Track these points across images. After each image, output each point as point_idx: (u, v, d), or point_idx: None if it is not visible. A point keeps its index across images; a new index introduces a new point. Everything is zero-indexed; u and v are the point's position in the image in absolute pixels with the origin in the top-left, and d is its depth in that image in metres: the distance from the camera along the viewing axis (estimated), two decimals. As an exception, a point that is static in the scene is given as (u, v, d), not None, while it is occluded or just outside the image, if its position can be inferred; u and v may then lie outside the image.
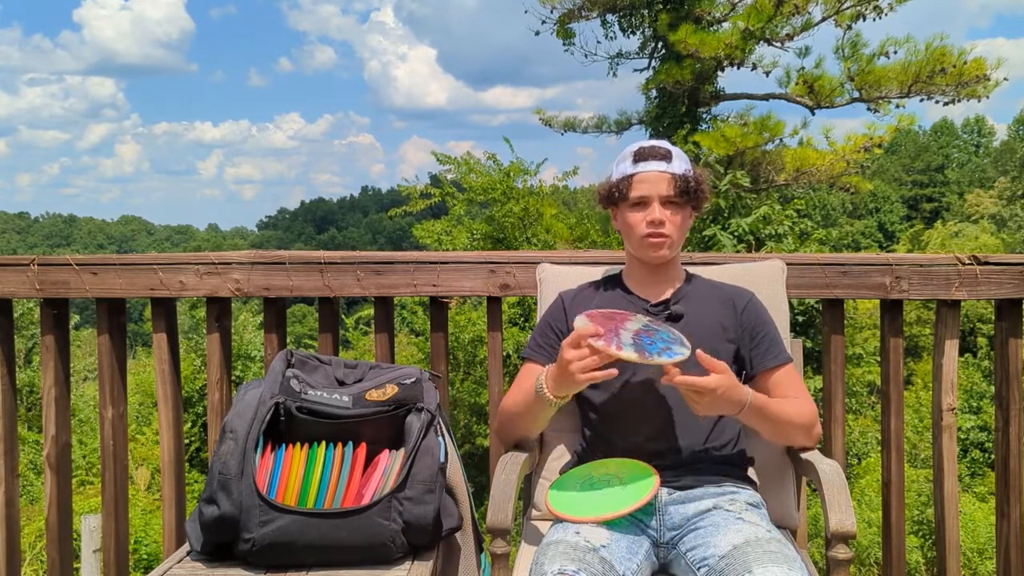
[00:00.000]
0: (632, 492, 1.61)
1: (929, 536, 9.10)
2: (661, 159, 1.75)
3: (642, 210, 1.75)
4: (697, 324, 1.75)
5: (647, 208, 1.75)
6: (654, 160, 1.75)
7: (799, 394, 1.77)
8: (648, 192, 1.74)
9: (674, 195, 1.74)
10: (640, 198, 1.75)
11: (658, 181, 1.74)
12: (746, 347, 1.79)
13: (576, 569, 1.43)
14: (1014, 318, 2.20)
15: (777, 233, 9.35)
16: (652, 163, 1.75)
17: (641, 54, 14.92)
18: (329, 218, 79.06)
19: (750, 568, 1.41)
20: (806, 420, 1.74)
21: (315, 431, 1.66)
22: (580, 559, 1.46)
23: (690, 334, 1.66)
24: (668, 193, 1.74)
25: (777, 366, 1.78)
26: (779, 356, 1.79)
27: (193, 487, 7.48)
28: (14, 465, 2.33)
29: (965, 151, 49.67)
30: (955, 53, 11.81)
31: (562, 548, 1.49)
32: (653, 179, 1.74)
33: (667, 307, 1.80)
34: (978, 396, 14.64)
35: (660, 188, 1.74)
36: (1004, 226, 31.27)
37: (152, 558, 6.24)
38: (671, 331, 1.66)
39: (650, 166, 1.75)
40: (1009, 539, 2.20)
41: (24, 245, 66.61)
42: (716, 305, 1.81)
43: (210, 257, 2.28)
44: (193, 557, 1.66)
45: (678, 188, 1.73)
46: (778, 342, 1.81)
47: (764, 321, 1.81)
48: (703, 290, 1.85)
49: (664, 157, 1.76)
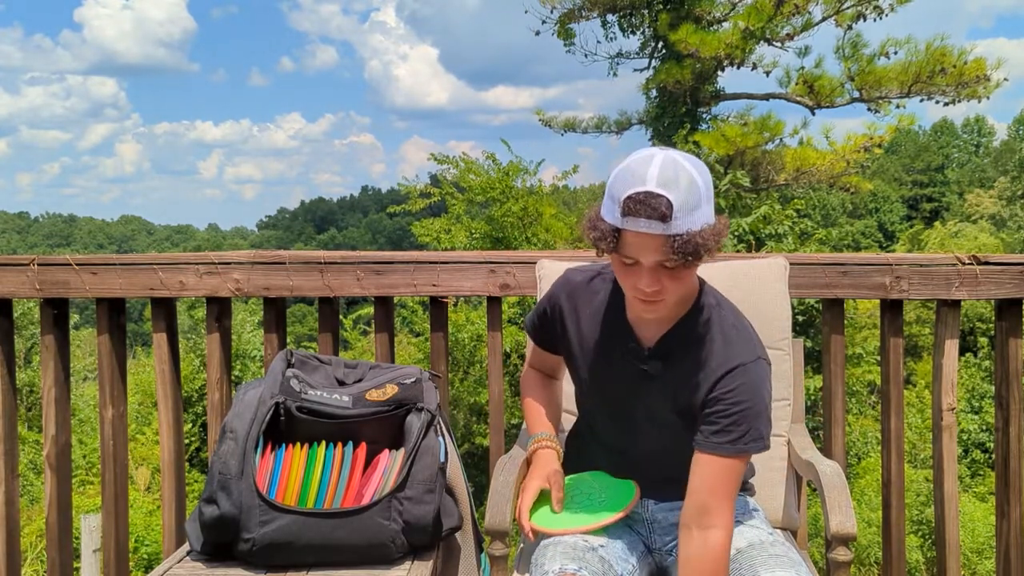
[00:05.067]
0: (613, 503, 1.60)
1: (929, 536, 9.11)
2: (657, 219, 1.31)
3: (632, 268, 1.39)
4: (671, 382, 1.52)
5: (637, 269, 1.38)
6: (646, 220, 1.31)
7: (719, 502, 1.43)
8: (637, 255, 1.36)
9: (670, 260, 1.35)
10: (629, 257, 1.38)
11: (649, 246, 1.34)
12: (701, 416, 1.48)
13: (577, 568, 1.43)
14: (1014, 318, 2.20)
15: (777, 233, 9.36)
16: (643, 222, 1.31)
17: (641, 54, 14.94)
18: (329, 218, 79.08)
19: (756, 572, 1.40)
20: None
21: (315, 431, 1.66)
22: (580, 558, 1.46)
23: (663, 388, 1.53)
24: (662, 259, 1.35)
25: (715, 454, 1.44)
26: (720, 446, 1.44)
27: (193, 487, 7.49)
28: (14, 465, 2.33)
29: (965, 151, 49.65)
30: (955, 53, 11.82)
31: (562, 548, 1.49)
32: (644, 243, 1.34)
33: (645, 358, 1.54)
34: (979, 396, 14.64)
35: (653, 255, 1.35)
36: (1004, 226, 31.26)
37: (152, 558, 6.25)
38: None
39: (640, 225, 1.32)
40: (1009, 539, 2.20)
41: (24, 245, 66.61)
42: (699, 363, 1.50)
43: (210, 257, 2.28)
44: (193, 557, 1.66)
45: (677, 252, 1.32)
46: (735, 427, 1.44)
47: (736, 399, 1.45)
48: (699, 334, 1.51)
49: (661, 218, 1.30)
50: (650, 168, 1.33)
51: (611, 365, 1.58)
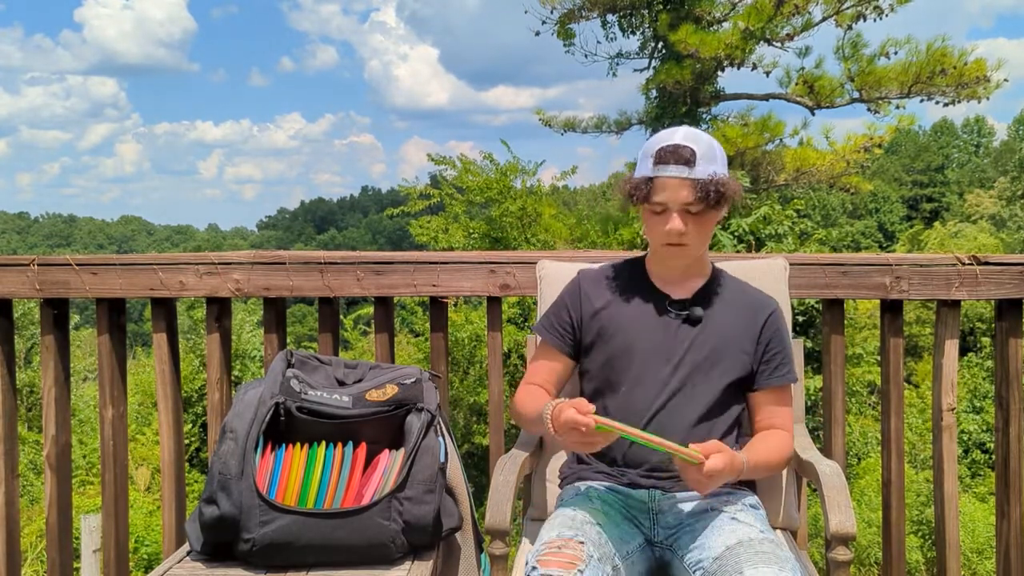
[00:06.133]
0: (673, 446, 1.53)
1: (929, 536, 9.11)
2: (683, 164, 1.61)
3: (661, 216, 1.65)
4: (713, 330, 1.71)
5: (666, 215, 1.64)
6: (675, 165, 1.62)
7: (785, 420, 1.75)
8: (666, 200, 1.63)
9: (694, 202, 1.62)
10: (659, 203, 1.64)
11: (678, 188, 1.62)
12: (757, 359, 1.73)
13: (574, 534, 1.48)
14: (1014, 318, 2.20)
15: (777, 233, 9.36)
16: (672, 168, 1.62)
17: (641, 54, 14.92)
18: (329, 218, 79.10)
19: (741, 569, 1.41)
20: (785, 457, 1.73)
21: (315, 431, 1.66)
22: (578, 528, 1.51)
23: (706, 337, 1.69)
24: (688, 200, 1.62)
25: (780, 386, 1.74)
26: (786, 376, 1.74)
27: (193, 487, 7.49)
28: (14, 465, 2.33)
29: (965, 151, 49.66)
30: (955, 54, 11.81)
31: (559, 520, 1.55)
32: (673, 186, 1.62)
33: (686, 306, 1.74)
34: (981, 396, 14.64)
35: (680, 195, 1.62)
36: (1004, 226, 31.26)
37: (152, 558, 6.25)
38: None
39: (670, 171, 1.62)
40: (1009, 539, 2.20)
41: (24, 245, 66.63)
42: (738, 311, 1.75)
43: (210, 257, 2.28)
44: (193, 557, 1.67)
45: (699, 195, 1.61)
46: (789, 360, 1.76)
47: (781, 337, 1.76)
48: (728, 292, 1.77)
49: (687, 162, 1.62)
50: (676, 132, 1.68)
51: (652, 323, 1.73)
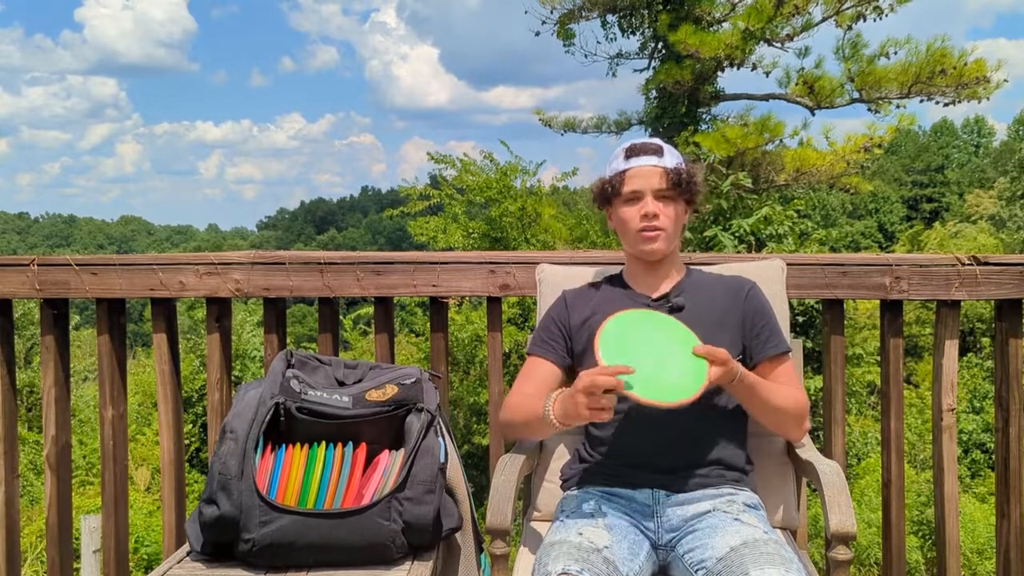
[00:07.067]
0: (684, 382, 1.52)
1: (929, 536, 9.11)
2: (652, 154, 1.78)
3: (635, 204, 1.77)
4: (697, 315, 1.75)
5: (640, 202, 1.77)
6: (645, 155, 1.78)
7: (791, 383, 1.78)
8: (640, 186, 1.76)
9: (666, 188, 1.76)
10: (633, 192, 1.77)
11: (650, 175, 1.76)
12: (747, 336, 1.79)
13: (580, 569, 1.43)
14: (1014, 318, 2.20)
15: (777, 233, 9.35)
16: (643, 158, 1.78)
17: (641, 54, 14.91)
18: (329, 218, 79.08)
19: (746, 570, 1.41)
20: (798, 410, 1.74)
21: (315, 431, 1.66)
22: (584, 559, 1.46)
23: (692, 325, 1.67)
24: (660, 186, 1.76)
25: (777, 355, 1.79)
26: (779, 345, 1.79)
27: (193, 487, 7.49)
28: (14, 465, 2.33)
29: (965, 151, 49.65)
30: (955, 54, 11.80)
31: (565, 548, 1.49)
32: (645, 173, 1.77)
33: (668, 300, 1.80)
34: (980, 396, 14.64)
35: (652, 182, 1.76)
36: (1003, 227, 31.24)
37: (152, 558, 6.25)
38: None
39: (641, 161, 1.78)
40: (1009, 539, 2.20)
41: (24, 245, 66.64)
42: (717, 295, 1.82)
43: (210, 257, 2.28)
44: (193, 557, 1.66)
45: (670, 181, 1.76)
46: (778, 332, 1.82)
47: (765, 311, 1.82)
48: (704, 282, 1.86)
49: (655, 152, 1.78)
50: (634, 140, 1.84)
51: None
